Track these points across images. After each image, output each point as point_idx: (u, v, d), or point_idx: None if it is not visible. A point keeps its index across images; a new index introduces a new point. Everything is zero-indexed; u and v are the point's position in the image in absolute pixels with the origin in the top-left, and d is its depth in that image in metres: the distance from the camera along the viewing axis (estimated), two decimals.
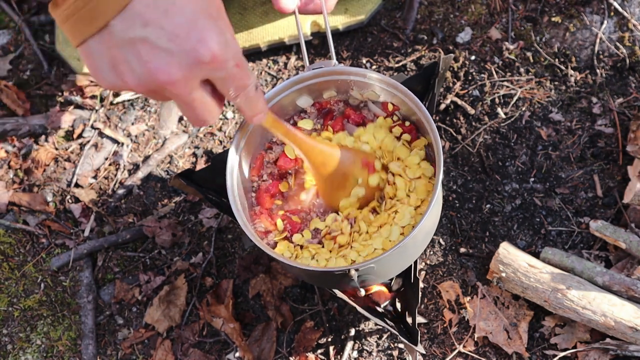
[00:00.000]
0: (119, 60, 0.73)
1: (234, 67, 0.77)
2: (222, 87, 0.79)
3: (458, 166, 1.48)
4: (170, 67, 0.72)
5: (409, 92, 1.10)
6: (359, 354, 1.37)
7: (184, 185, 1.19)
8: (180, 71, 0.73)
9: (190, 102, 0.78)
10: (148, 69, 0.72)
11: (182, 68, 0.73)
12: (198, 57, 0.73)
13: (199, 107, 0.79)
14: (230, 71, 0.77)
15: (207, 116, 0.81)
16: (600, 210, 1.41)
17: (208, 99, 0.79)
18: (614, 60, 1.51)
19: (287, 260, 1.05)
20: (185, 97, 0.76)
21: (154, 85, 0.74)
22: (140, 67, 0.73)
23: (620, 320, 1.24)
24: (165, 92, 0.75)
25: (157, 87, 0.74)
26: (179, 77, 0.73)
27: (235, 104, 0.83)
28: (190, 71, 0.73)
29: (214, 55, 0.73)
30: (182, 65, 0.73)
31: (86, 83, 1.71)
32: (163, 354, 1.42)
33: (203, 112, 0.80)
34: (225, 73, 0.77)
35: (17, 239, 1.56)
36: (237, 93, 0.81)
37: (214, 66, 0.74)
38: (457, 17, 1.62)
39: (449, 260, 1.41)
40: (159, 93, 0.76)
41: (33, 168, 1.63)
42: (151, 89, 0.75)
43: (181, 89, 0.75)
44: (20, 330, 1.48)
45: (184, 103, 0.78)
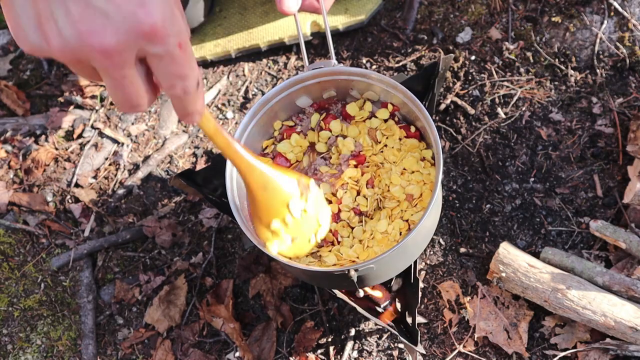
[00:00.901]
0: (45, 17, 0.63)
1: (176, 47, 0.67)
2: (157, 69, 0.68)
3: (458, 166, 1.48)
4: (104, 30, 0.62)
5: (409, 92, 1.10)
6: (359, 354, 1.37)
7: (184, 185, 1.19)
8: (115, 37, 0.63)
9: (120, 78, 0.67)
10: (78, 30, 0.62)
11: (117, 34, 0.63)
12: (137, 24, 0.63)
13: (129, 87, 0.68)
14: (171, 50, 0.66)
15: (137, 100, 0.69)
16: (600, 210, 1.41)
17: (140, 81, 0.68)
18: (614, 60, 1.51)
19: (287, 261, 1.05)
20: (115, 72, 0.66)
21: (82, 51, 0.64)
22: (69, 27, 0.63)
23: (620, 320, 1.24)
24: (94, 61, 0.65)
25: (85, 55, 0.64)
26: (112, 44, 0.63)
27: (170, 96, 0.71)
28: (126, 40, 0.64)
29: (154, 24, 0.64)
30: (118, 31, 0.63)
31: (86, 83, 1.71)
32: (163, 354, 1.42)
33: (133, 94, 0.69)
34: (164, 50, 0.66)
35: (17, 239, 1.56)
36: (173, 83, 0.69)
37: (152, 39, 0.65)
38: (457, 17, 1.62)
39: (449, 260, 1.41)
40: (84, 64, 0.66)
41: (33, 168, 1.63)
42: (78, 56, 0.64)
43: (113, 59, 0.64)
44: (20, 330, 1.48)
45: (113, 79, 0.67)
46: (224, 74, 1.69)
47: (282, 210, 0.99)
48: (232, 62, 1.71)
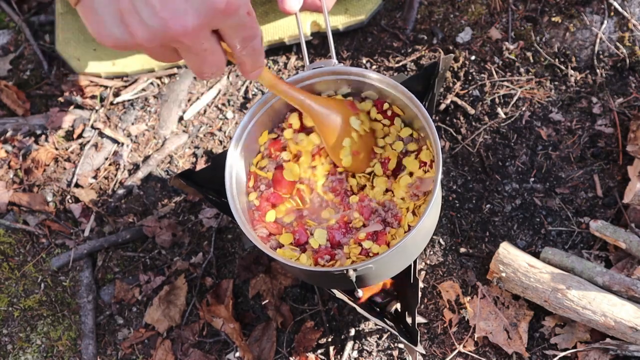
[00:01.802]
0: (127, 11, 0.69)
1: (246, 15, 0.75)
2: (232, 36, 0.76)
3: (458, 166, 1.48)
4: (185, 15, 0.69)
5: (409, 92, 1.10)
6: (359, 354, 1.37)
7: (184, 185, 1.19)
8: (196, 19, 0.70)
9: (201, 52, 0.75)
10: (161, 18, 0.68)
11: (198, 16, 0.69)
12: (213, 3, 0.70)
13: (210, 58, 0.76)
14: (243, 19, 0.75)
15: (217, 68, 0.79)
16: (600, 210, 1.41)
17: (218, 49, 0.77)
18: (614, 60, 1.51)
19: (287, 261, 1.05)
20: (197, 48, 0.74)
21: (167, 36, 0.70)
22: (152, 17, 0.69)
23: (620, 320, 1.24)
24: (177, 44, 0.72)
25: (170, 39, 0.71)
26: (193, 26, 0.70)
27: (239, 56, 0.81)
28: (206, 19, 0.70)
29: (229, 1, 0.71)
30: (197, 13, 0.69)
31: (86, 83, 1.71)
32: (163, 354, 1.42)
33: (214, 63, 0.77)
34: (237, 21, 0.74)
35: (17, 239, 1.56)
36: (245, 44, 0.79)
37: (228, 13, 0.72)
38: (457, 17, 1.62)
39: (449, 260, 1.41)
40: (166, 47, 0.73)
41: (33, 168, 1.63)
42: (162, 41, 0.71)
43: (195, 39, 0.72)
44: (20, 330, 1.48)
45: (195, 54, 0.75)
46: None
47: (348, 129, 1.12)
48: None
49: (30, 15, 1.83)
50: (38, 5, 1.84)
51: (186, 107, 1.68)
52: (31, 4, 1.84)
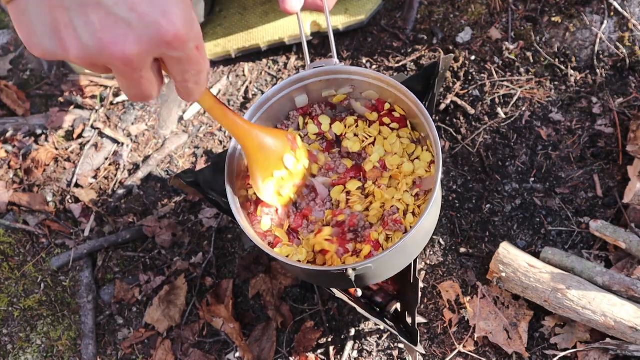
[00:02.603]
0: (63, 25, 0.63)
1: (194, 50, 0.69)
2: (174, 68, 0.71)
3: (458, 166, 1.48)
4: (126, 40, 0.63)
5: (409, 92, 1.10)
6: (359, 354, 1.37)
7: (184, 185, 1.19)
8: (137, 47, 0.64)
9: (137, 79, 0.69)
10: (99, 39, 0.63)
11: (140, 44, 0.64)
12: (160, 33, 0.64)
13: (145, 85, 0.70)
14: (189, 53, 0.69)
15: (150, 92, 0.72)
16: (600, 210, 1.41)
17: (154, 78, 0.71)
18: (614, 60, 1.51)
19: (287, 260, 1.05)
20: (133, 74, 0.68)
21: (102, 59, 0.65)
22: (89, 36, 0.63)
23: (620, 320, 1.24)
24: (112, 66, 0.66)
25: (105, 61, 0.65)
26: (133, 54, 0.64)
27: (178, 86, 0.75)
28: (148, 48, 0.65)
29: (177, 33, 0.65)
30: (140, 40, 0.64)
31: (86, 83, 1.71)
32: (163, 354, 1.42)
33: (147, 89, 0.71)
34: (183, 55, 0.68)
35: (17, 239, 1.56)
36: (187, 77, 0.73)
37: (174, 46, 0.66)
38: (457, 17, 1.62)
39: (449, 260, 1.41)
40: (100, 66, 0.67)
41: (33, 168, 1.63)
42: (96, 62, 0.66)
43: (132, 65, 0.66)
44: (20, 330, 1.48)
45: (130, 80, 0.69)
46: (224, 74, 1.69)
47: (278, 165, 1.08)
48: (232, 62, 1.71)
49: None
50: None
51: (186, 107, 1.68)
52: None
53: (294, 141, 1.11)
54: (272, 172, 1.08)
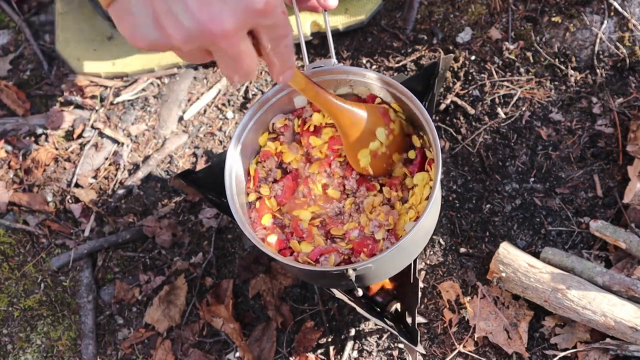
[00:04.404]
0: (163, 13, 0.68)
1: (281, 14, 0.74)
2: (266, 36, 0.75)
3: (458, 166, 1.48)
4: (222, 16, 0.67)
5: (409, 92, 1.10)
6: (359, 354, 1.37)
7: (184, 185, 1.19)
8: (234, 21, 0.68)
9: (237, 54, 0.73)
10: (198, 19, 0.67)
11: (235, 17, 0.68)
12: (252, 4, 0.68)
13: (245, 60, 0.74)
14: (278, 19, 0.73)
15: (250, 71, 0.76)
16: (600, 210, 1.41)
17: (253, 51, 0.75)
18: (614, 60, 1.51)
19: (287, 260, 1.05)
20: (233, 50, 0.72)
21: (204, 38, 0.69)
22: (189, 18, 0.67)
23: (620, 320, 1.24)
24: (213, 46, 0.71)
25: (206, 41, 0.69)
26: (231, 27, 0.68)
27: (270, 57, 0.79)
28: (243, 20, 0.69)
29: (267, 1, 0.69)
30: (235, 14, 0.68)
31: (86, 83, 1.71)
32: (163, 354, 1.42)
33: (248, 66, 0.75)
34: (273, 21, 0.73)
35: (17, 239, 1.56)
36: (278, 44, 0.77)
37: (266, 14, 0.70)
38: (457, 17, 1.62)
39: (449, 260, 1.41)
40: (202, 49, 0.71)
41: (33, 168, 1.63)
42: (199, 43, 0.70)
43: (232, 41, 0.70)
44: (20, 330, 1.48)
45: (231, 56, 0.73)
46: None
47: (372, 137, 1.11)
48: None
49: (30, 15, 1.83)
50: (38, 5, 1.84)
51: (186, 107, 1.68)
52: (31, 4, 1.84)
53: (386, 114, 1.13)
54: (366, 144, 1.11)
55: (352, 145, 1.11)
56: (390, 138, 1.13)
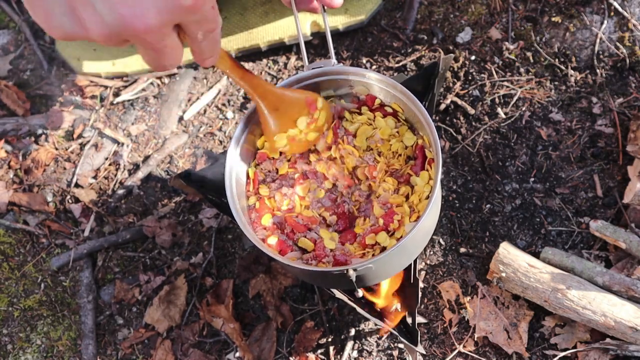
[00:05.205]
0: (80, 3, 0.63)
1: (211, 10, 0.71)
2: (193, 30, 0.72)
3: (458, 166, 1.48)
4: (147, 12, 0.64)
5: (409, 92, 1.10)
6: (359, 354, 1.37)
7: (184, 185, 1.19)
8: (159, 17, 0.65)
9: (161, 48, 0.70)
10: (120, 15, 0.63)
11: (161, 14, 0.65)
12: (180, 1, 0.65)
13: (169, 53, 0.71)
14: (206, 14, 0.70)
15: (175, 60, 0.73)
16: (600, 210, 1.41)
17: (178, 43, 0.72)
18: (614, 60, 1.51)
19: (287, 260, 1.05)
20: (156, 44, 0.68)
21: (125, 33, 0.65)
22: (109, 12, 0.63)
23: (620, 320, 1.24)
24: (135, 39, 0.67)
25: (128, 35, 0.66)
26: (156, 24, 0.65)
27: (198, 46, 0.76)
28: (169, 16, 0.66)
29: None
30: (160, 10, 0.64)
31: (86, 83, 1.71)
32: (163, 354, 1.42)
33: (172, 56, 0.72)
34: (201, 16, 0.70)
35: (17, 239, 1.56)
36: (207, 36, 0.74)
37: (194, 10, 0.67)
38: (457, 17, 1.62)
39: (449, 260, 1.41)
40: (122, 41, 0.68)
41: (33, 168, 1.63)
42: (119, 37, 0.66)
43: (155, 35, 0.67)
44: (20, 330, 1.48)
45: (153, 50, 0.70)
46: (224, 74, 1.69)
47: (291, 125, 1.11)
48: None
49: None
50: None
51: (186, 107, 1.68)
52: None
53: (314, 103, 1.12)
54: (285, 130, 1.12)
55: (271, 128, 1.11)
56: (312, 127, 1.13)
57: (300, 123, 1.12)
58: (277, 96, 1.07)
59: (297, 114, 1.11)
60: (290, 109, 1.10)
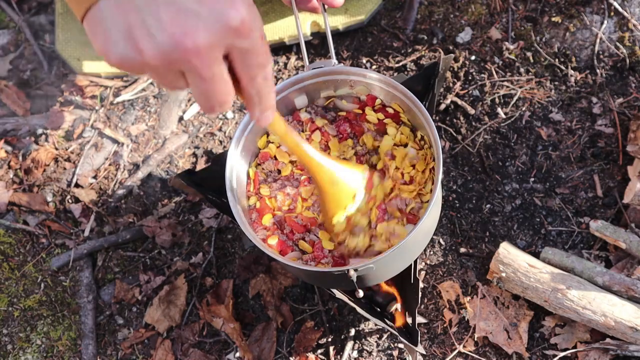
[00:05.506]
0: (136, 25, 0.65)
1: (259, 39, 0.70)
2: (243, 62, 0.71)
3: (458, 166, 1.48)
4: (196, 31, 0.64)
5: (409, 92, 1.10)
6: (359, 354, 1.37)
7: (184, 185, 1.19)
8: (208, 37, 0.65)
9: (210, 77, 0.68)
10: (170, 33, 0.64)
11: (210, 33, 0.65)
12: (228, 20, 0.65)
13: (219, 85, 0.70)
14: (255, 42, 0.69)
15: (225, 96, 0.71)
16: (600, 210, 1.41)
17: (228, 77, 0.70)
18: (614, 60, 1.51)
19: (287, 260, 1.05)
20: (206, 71, 0.68)
21: (176, 54, 0.65)
22: (161, 32, 0.64)
23: (620, 320, 1.24)
24: (186, 64, 0.67)
25: (178, 57, 0.66)
26: (205, 44, 0.65)
27: (248, 88, 0.74)
28: (218, 37, 0.66)
29: (243, 20, 0.66)
30: (210, 30, 0.65)
31: (86, 83, 1.71)
32: (163, 354, 1.42)
33: (222, 90, 0.71)
34: (249, 44, 0.69)
35: (17, 239, 1.56)
36: (255, 72, 0.72)
37: (242, 33, 0.67)
38: (457, 17, 1.62)
39: (449, 260, 1.41)
40: (174, 69, 0.68)
41: (33, 168, 1.63)
42: (170, 59, 0.66)
43: (205, 58, 0.66)
44: (20, 330, 1.48)
45: (203, 79, 0.69)
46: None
47: (350, 200, 1.06)
48: None
49: (30, 15, 1.83)
50: (38, 5, 1.84)
51: (186, 107, 1.68)
52: (31, 4, 1.84)
53: (370, 179, 1.08)
54: (344, 206, 1.06)
55: (330, 203, 1.05)
56: (370, 204, 1.08)
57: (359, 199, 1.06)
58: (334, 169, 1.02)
59: (355, 189, 1.06)
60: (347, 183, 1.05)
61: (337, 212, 1.05)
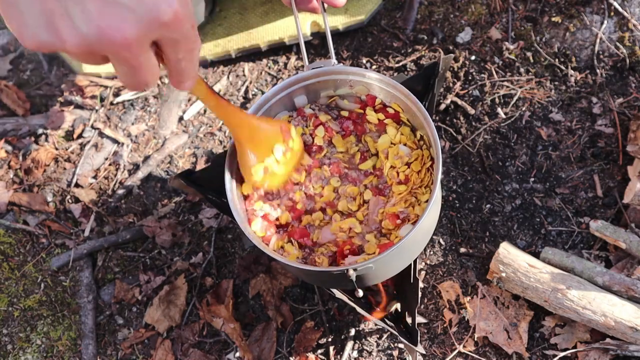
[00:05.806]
0: (57, 14, 0.62)
1: (190, 29, 0.69)
2: (171, 49, 0.71)
3: (458, 166, 1.48)
4: (125, 24, 0.63)
5: (409, 92, 1.10)
6: (359, 354, 1.37)
7: (184, 185, 1.19)
8: (137, 31, 0.64)
9: (137, 65, 0.68)
10: (98, 26, 0.62)
11: (139, 27, 0.64)
12: (159, 15, 0.64)
13: (145, 71, 0.69)
14: (186, 33, 0.69)
15: (150, 79, 0.71)
16: (600, 210, 1.41)
17: (155, 62, 0.70)
18: (614, 60, 1.51)
19: (287, 261, 1.05)
20: (133, 60, 0.67)
21: (101, 46, 0.64)
22: (87, 24, 0.62)
23: (620, 320, 1.24)
24: (111, 54, 0.66)
25: (104, 48, 0.64)
26: (133, 37, 0.64)
27: (174, 67, 0.74)
28: (147, 31, 0.65)
29: (176, 13, 0.65)
30: (139, 24, 0.64)
31: (86, 83, 1.71)
32: (163, 354, 1.42)
33: (147, 75, 0.70)
34: (180, 34, 0.69)
35: (17, 239, 1.56)
36: (183, 56, 0.73)
37: (173, 26, 0.66)
38: (457, 17, 1.62)
39: (449, 260, 1.41)
40: (97, 56, 0.67)
41: (33, 168, 1.63)
42: (95, 50, 0.65)
43: (132, 51, 0.65)
44: (20, 330, 1.48)
45: (129, 67, 0.68)
46: (224, 74, 1.69)
47: (268, 153, 1.09)
48: (232, 62, 1.71)
49: None
50: None
51: (186, 107, 1.68)
52: None
53: (288, 132, 1.11)
54: (262, 159, 1.09)
55: (248, 159, 1.08)
56: (288, 156, 1.11)
57: (276, 151, 1.10)
58: (252, 125, 1.05)
59: (273, 142, 1.10)
60: (265, 138, 1.08)
61: (256, 164, 1.09)
